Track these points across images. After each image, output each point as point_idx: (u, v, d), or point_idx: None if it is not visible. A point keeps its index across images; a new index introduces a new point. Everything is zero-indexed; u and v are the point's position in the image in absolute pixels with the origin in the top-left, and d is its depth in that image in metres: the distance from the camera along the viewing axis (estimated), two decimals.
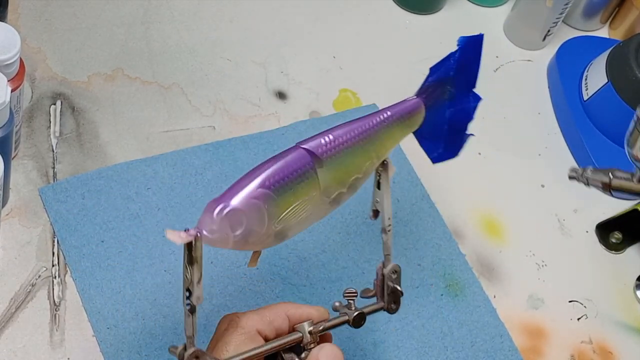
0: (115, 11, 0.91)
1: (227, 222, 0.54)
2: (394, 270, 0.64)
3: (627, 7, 1.01)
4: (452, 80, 0.66)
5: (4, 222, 0.75)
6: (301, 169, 0.57)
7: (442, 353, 0.77)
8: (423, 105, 0.65)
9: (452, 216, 0.85)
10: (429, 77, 0.65)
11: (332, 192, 0.59)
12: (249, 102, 0.88)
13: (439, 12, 1.01)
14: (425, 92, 0.65)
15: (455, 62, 0.65)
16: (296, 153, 0.57)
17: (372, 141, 0.61)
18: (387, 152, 0.63)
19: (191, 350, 0.55)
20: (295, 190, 0.57)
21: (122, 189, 0.78)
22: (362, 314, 0.62)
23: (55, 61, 0.85)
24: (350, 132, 0.60)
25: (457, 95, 0.67)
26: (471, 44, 0.66)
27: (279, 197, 0.56)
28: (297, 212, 0.58)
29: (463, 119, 0.68)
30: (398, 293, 0.64)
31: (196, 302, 0.54)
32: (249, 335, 0.58)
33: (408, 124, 0.64)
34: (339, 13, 0.98)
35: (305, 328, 0.59)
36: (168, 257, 0.76)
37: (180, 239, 0.51)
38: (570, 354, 0.81)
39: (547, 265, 0.85)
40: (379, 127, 0.62)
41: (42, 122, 0.81)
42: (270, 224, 0.56)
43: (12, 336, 0.70)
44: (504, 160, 0.91)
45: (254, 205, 0.55)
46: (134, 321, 0.72)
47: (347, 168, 0.60)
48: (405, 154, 0.87)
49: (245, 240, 0.55)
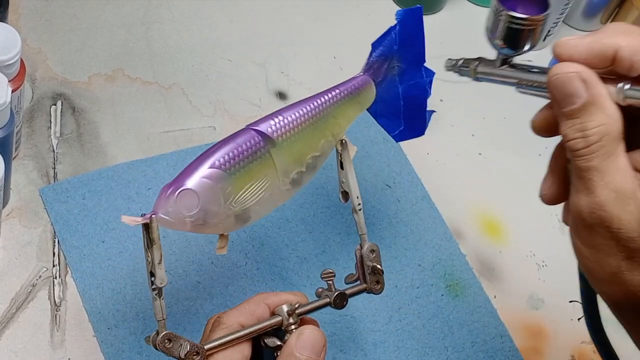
0: (115, 12, 0.91)
1: (181, 203, 0.55)
2: (371, 249, 0.64)
3: (627, 7, 1.01)
4: (398, 55, 0.66)
5: (5, 223, 0.75)
6: (252, 148, 0.58)
7: (442, 353, 0.77)
8: (371, 81, 0.66)
9: (453, 216, 0.85)
10: (372, 52, 0.66)
11: (291, 171, 0.60)
12: (250, 103, 0.88)
13: (439, 12, 1.01)
14: (371, 68, 0.66)
15: (397, 36, 0.66)
16: (246, 134, 0.58)
17: (324, 119, 0.62)
18: (342, 130, 0.64)
19: (163, 334, 0.56)
20: (249, 169, 0.58)
21: (122, 190, 0.78)
22: (343, 294, 0.62)
23: (55, 61, 0.85)
24: (300, 110, 0.61)
25: (408, 71, 0.67)
26: (410, 17, 0.67)
27: (232, 177, 0.57)
28: (255, 192, 0.58)
29: (419, 94, 0.68)
30: (378, 271, 0.63)
31: (160, 284, 0.55)
32: (232, 329, 0.58)
33: (359, 100, 0.65)
34: (339, 13, 0.98)
35: (283, 310, 0.59)
36: (168, 257, 0.76)
37: (134, 222, 0.53)
38: (571, 354, 0.81)
39: (547, 266, 0.85)
40: (328, 105, 0.62)
41: (43, 122, 0.81)
42: (226, 204, 0.57)
43: (12, 336, 0.70)
44: (504, 160, 0.91)
45: (206, 184, 0.56)
46: (134, 321, 0.72)
47: (301, 146, 0.61)
48: (405, 153, 0.87)
49: (204, 221, 0.56)
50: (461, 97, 0.94)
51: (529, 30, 0.58)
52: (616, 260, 0.52)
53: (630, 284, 0.52)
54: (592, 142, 0.51)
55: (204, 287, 0.75)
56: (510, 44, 0.58)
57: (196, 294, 0.75)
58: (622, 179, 0.51)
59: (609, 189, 0.51)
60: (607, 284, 0.53)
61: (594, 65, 0.52)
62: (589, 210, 0.52)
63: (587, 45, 0.52)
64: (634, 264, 0.51)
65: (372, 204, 0.84)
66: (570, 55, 0.52)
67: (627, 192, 0.51)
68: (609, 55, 0.51)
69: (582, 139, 0.51)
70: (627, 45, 0.50)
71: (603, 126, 0.51)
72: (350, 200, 0.64)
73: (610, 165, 0.51)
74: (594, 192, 0.51)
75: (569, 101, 0.52)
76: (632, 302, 0.52)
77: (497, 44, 0.59)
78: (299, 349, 0.57)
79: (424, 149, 0.89)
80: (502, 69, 0.60)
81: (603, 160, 0.51)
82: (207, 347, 0.57)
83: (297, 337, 0.58)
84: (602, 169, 0.51)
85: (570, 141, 0.52)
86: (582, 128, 0.51)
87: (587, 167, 0.51)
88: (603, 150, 0.51)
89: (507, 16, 0.57)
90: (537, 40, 0.59)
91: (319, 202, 0.82)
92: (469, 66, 0.63)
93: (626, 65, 0.50)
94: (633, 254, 0.51)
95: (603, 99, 0.51)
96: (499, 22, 0.58)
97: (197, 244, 0.77)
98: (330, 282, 0.62)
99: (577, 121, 0.52)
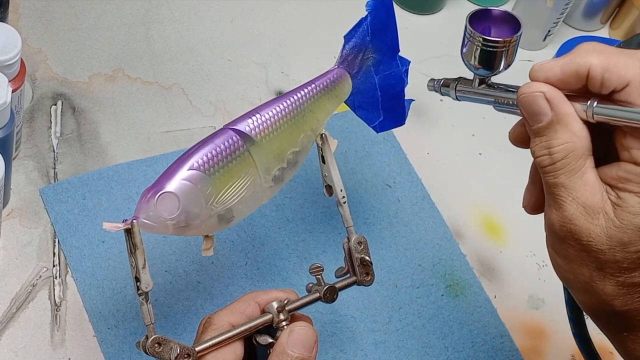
0: (115, 12, 0.91)
1: (162, 206, 0.55)
2: (359, 241, 0.64)
3: (628, 7, 1.01)
4: (371, 46, 0.67)
5: (5, 223, 0.75)
6: (230, 147, 0.58)
7: (442, 353, 0.77)
8: (347, 74, 0.66)
9: (453, 216, 0.85)
10: (345, 45, 0.66)
11: (272, 168, 0.60)
12: (250, 103, 0.88)
13: (439, 12, 1.01)
14: (345, 61, 0.66)
15: (369, 27, 0.66)
16: (224, 134, 0.59)
17: (302, 114, 0.62)
18: (320, 124, 0.64)
19: (152, 338, 0.55)
20: (229, 169, 0.58)
21: (122, 189, 0.78)
22: (333, 288, 0.62)
23: (56, 61, 0.85)
24: (277, 107, 0.61)
25: (383, 61, 0.68)
26: (381, 7, 0.67)
27: (212, 177, 0.57)
28: (237, 191, 0.58)
29: (395, 84, 0.69)
30: (367, 262, 0.63)
31: (146, 288, 0.55)
32: (222, 329, 0.58)
33: (335, 93, 0.65)
34: (339, 13, 0.98)
35: (273, 307, 0.59)
36: (168, 257, 0.76)
37: (116, 228, 0.53)
38: (571, 354, 0.81)
39: (547, 265, 0.85)
40: (305, 100, 0.63)
41: (43, 122, 0.81)
42: (208, 204, 0.57)
43: (13, 336, 0.70)
44: (504, 160, 0.91)
45: (186, 186, 0.56)
46: (134, 321, 0.72)
47: (281, 143, 0.61)
48: (405, 154, 0.87)
49: (186, 223, 0.56)
50: None
51: (502, 51, 0.60)
52: (588, 270, 0.53)
53: (602, 293, 0.53)
54: (557, 160, 0.52)
55: (204, 287, 0.75)
56: (485, 65, 0.61)
57: (196, 294, 0.75)
58: (590, 194, 0.52)
59: (577, 203, 0.52)
60: (582, 292, 0.55)
61: (570, 85, 0.53)
62: (559, 224, 0.53)
63: (561, 66, 0.53)
64: (605, 274, 0.52)
65: (372, 204, 0.84)
66: (547, 78, 0.53)
67: (595, 207, 0.52)
68: (583, 74, 0.52)
69: (548, 157, 0.53)
70: (598, 64, 0.51)
71: (568, 144, 0.52)
72: (335, 194, 0.64)
73: (577, 181, 0.52)
74: (562, 207, 0.52)
75: (535, 119, 0.53)
76: (606, 310, 0.54)
77: (473, 66, 0.61)
78: (291, 346, 0.57)
79: (424, 149, 0.89)
80: (479, 88, 0.62)
81: (569, 176, 0.52)
82: (198, 348, 0.56)
83: (289, 335, 0.58)
84: (568, 185, 0.52)
85: (538, 158, 0.53)
86: (547, 145, 0.53)
87: (554, 183, 0.53)
88: (569, 167, 0.52)
89: (480, 39, 0.59)
90: (511, 60, 0.61)
91: (319, 202, 0.82)
92: (449, 85, 0.65)
93: (597, 83, 0.51)
94: (603, 265, 0.52)
95: (568, 117, 0.52)
96: (472, 45, 0.60)
97: (198, 243, 0.77)
98: (319, 277, 0.62)
99: (544, 139, 0.53)
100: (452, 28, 1.00)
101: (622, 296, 0.52)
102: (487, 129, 0.93)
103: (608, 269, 0.52)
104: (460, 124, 0.92)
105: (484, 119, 0.93)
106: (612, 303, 0.53)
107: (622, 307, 0.53)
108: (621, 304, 0.53)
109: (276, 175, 0.61)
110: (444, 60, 0.97)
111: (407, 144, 0.88)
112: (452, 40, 0.98)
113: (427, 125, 0.91)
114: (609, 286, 0.52)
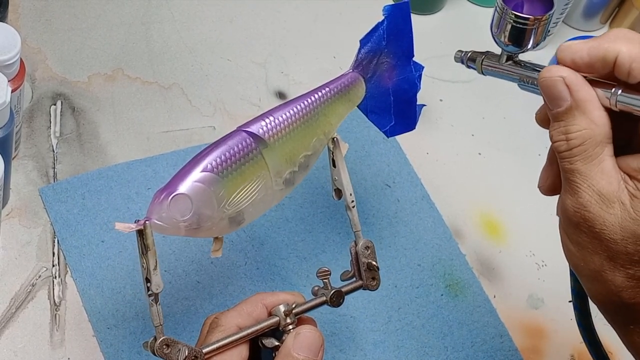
0: (115, 11, 0.91)
1: (175, 208, 0.55)
2: (366, 246, 0.64)
3: (627, 8, 1.01)
4: (387, 51, 0.67)
5: (4, 222, 0.75)
6: (244, 150, 0.58)
7: (442, 353, 0.77)
8: (361, 78, 0.66)
9: (452, 216, 0.85)
10: (360, 49, 0.66)
11: (284, 171, 0.60)
12: (249, 102, 0.88)
13: (439, 12, 1.01)
14: (360, 65, 0.66)
15: (385, 32, 0.66)
16: (238, 136, 0.58)
17: (315, 117, 0.62)
18: (333, 128, 0.64)
19: (160, 339, 0.55)
20: (242, 171, 0.58)
21: (122, 189, 0.78)
22: (340, 292, 0.62)
23: (55, 61, 0.85)
24: (290, 110, 0.61)
25: (398, 66, 0.68)
26: (398, 12, 0.67)
27: (225, 180, 0.57)
28: (249, 194, 0.58)
29: (408, 89, 0.69)
30: (374, 267, 0.63)
31: (156, 290, 0.55)
32: (230, 331, 0.58)
33: (349, 97, 0.65)
34: (339, 13, 0.98)
35: (280, 310, 0.59)
36: (168, 257, 0.76)
37: (128, 228, 0.53)
38: (570, 354, 0.81)
39: (547, 265, 0.85)
40: (319, 104, 0.63)
41: (43, 122, 0.81)
42: (220, 207, 0.57)
43: (12, 336, 0.70)
44: (504, 160, 0.91)
45: (199, 188, 0.56)
46: (134, 321, 0.72)
47: (293, 146, 0.61)
48: (405, 154, 0.87)
49: (198, 225, 0.56)
50: (461, 97, 0.94)
51: (533, 29, 0.59)
52: (599, 259, 0.53)
53: (612, 284, 0.53)
54: (573, 146, 0.52)
55: (203, 286, 0.75)
56: (514, 41, 0.60)
57: (196, 294, 0.75)
58: (607, 182, 0.51)
59: (592, 190, 0.52)
60: (592, 281, 0.54)
61: (596, 69, 0.52)
62: (573, 210, 0.53)
63: (588, 49, 0.52)
64: (616, 264, 0.52)
65: (372, 204, 0.84)
66: (573, 59, 0.53)
67: (611, 196, 0.51)
68: (610, 60, 0.51)
69: (565, 142, 0.52)
70: (627, 52, 0.50)
71: (585, 131, 0.52)
72: (344, 198, 0.64)
73: (594, 168, 0.52)
74: (577, 193, 0.52)
75: (555, 104, 0.53)
76: (613, 301, 0.53)
77: (502, 42, 0.61)
78: (297, 349, 0.57)
79: (424, 149, 0.89)
80: (506, 64, 0.62)
81: (585, 163, 0.52)
82: (205, 350, 0.56)
83: (295, 338, 0.58)
84: (584, 172, 0.52)
85: (555, 143, 0.53)
86: (565, 131, 0.52)
87: (570, 169, 0.52)
88: (585, 154, 0.52)
89: (512, 15, 0.59)
90: (541, 38, 0.61)
91: (318, 202, 0.82)
92: (476, 59, 0.64)
93: (624, 71, 0.51)
94: (614, 255, 0.52)
95: (587, 103, 0.52)
96: (503, 21, 0.60)
97: (197, 243, 0.77)
98: (326, 281, 0.62)
99: (562, 124, 0.53)
100: (452, 28, 1.00)
101: (630, 289, 0.52)
102: (487, 129, 0.93)
103: (619, 260, 0.52)
104: (459, 124, 0.92)
105: (484, 119, 0.93)
106: (621, 295, 0.52)
107: (630, 299, 0.52)
108: (629, 297, 0.52)
109: (287, 178, 0.61)
110: (444, 60, 0.96)
111: (407, 144, 0.88)
112: (452, 40, 0.98)
113: (427, 125, 0.91)
114: (619, 277, 0.52)
